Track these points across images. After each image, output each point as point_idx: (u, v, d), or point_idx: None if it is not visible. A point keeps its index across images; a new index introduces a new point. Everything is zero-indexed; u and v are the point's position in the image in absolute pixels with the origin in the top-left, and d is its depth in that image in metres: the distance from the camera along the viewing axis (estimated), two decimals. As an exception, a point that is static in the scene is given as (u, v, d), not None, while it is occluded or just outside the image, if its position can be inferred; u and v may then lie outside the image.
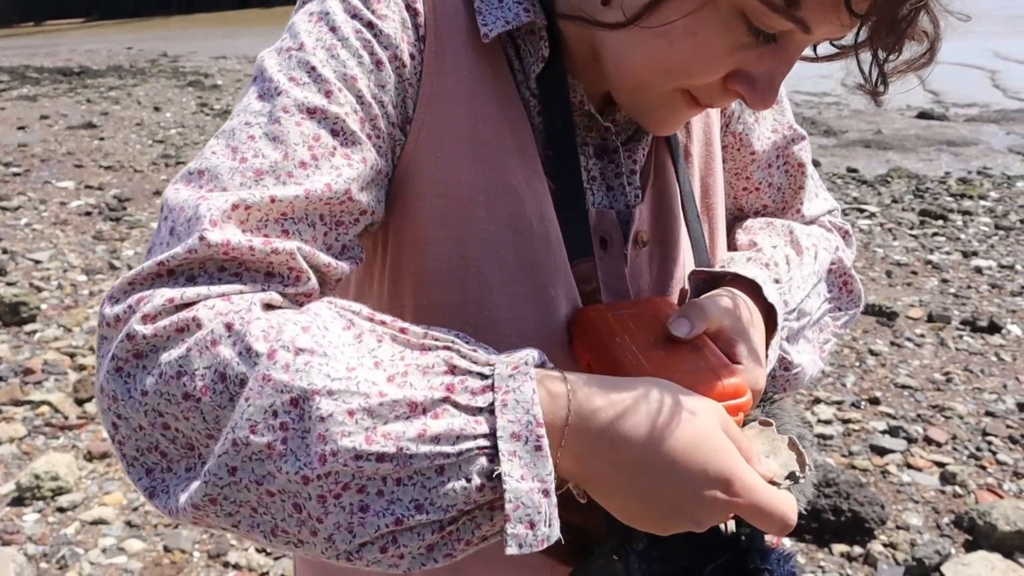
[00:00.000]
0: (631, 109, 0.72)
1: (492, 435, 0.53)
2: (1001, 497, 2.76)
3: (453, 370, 0.55)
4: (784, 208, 0.95)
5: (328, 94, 0.63)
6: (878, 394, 3.47)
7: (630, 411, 0.56)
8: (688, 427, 0.57)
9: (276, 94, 0.63)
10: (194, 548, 2.53)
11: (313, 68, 0.64)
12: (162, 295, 0.55)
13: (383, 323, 0.58)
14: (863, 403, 3.41)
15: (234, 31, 27.55)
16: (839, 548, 2.54)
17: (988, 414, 3.32)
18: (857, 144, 8.45)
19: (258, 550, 2.53)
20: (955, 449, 3.08)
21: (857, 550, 2.53)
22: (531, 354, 0.57)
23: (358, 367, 0.53)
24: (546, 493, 0.52)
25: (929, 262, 5.03)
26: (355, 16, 0.66)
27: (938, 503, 2.77)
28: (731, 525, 0.71)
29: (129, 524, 2.64)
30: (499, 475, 0.52)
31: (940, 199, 6.38)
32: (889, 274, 4.84)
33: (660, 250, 0.79)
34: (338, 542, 0.53)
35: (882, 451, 3.06)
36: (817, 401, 3.42)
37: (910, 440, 3.13)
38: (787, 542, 2.57)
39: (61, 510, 2.69)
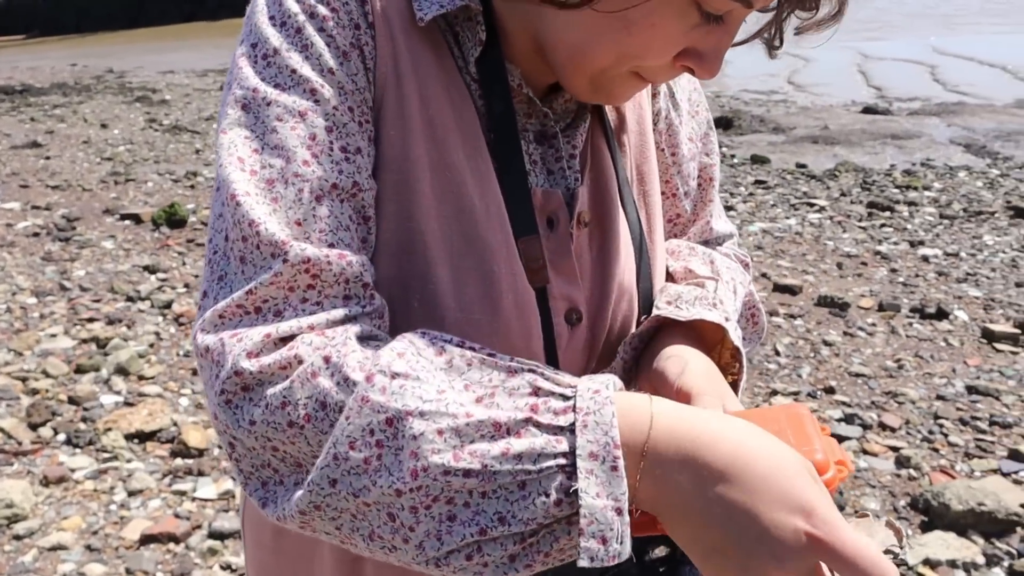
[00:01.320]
0: (583, 90, 0.74)
1: (572, 454, 0.55)
2: (954, 478, 2.84)
3: (537, 392, 0.58)
4: (694, 220, 0.98)
5: (314, 92, 0.66)
6: (833, 383, 3.55)
7: (714, 436, 0.57)
8: (773, 454, 0.56)
9: (266, 104, 0.66)
10: (157, 569, 2.50)
11: (294, 71, 0.66)
12: (259, 332, 0.61)
13: (472, 349, 0.62)
14: (819, 393, 3.48)
15: (180, 44, 27.14)
16: (800, 535, 2.59)
17: (939, 398, 3.41)
18: (805, 140, 8.62)
19: (222, 567, 2.50)
20: (908, 433, 3.16)
21: (818, 536, 2.58)
22: (612, 379, 0.59)
23: (448, 389, 0.58)
24: (619, 512, 0.54)
25: (878, 253, 5.15)
26: (311, 15, 0.67)
27: (894, 486, 2.84)
28: (657, 552, 0.71)
29: (89, 548, 2.59)
30: (576, 492, 0.54)
31: (887, 191, 6.53)
32: (840, 266, 4.94)
33: (599, 231, 0.80)
34: (428, 549, 0.57)
35: (839, 439, 3.12)
36: (774, 393, 3.48)
37: (865, 427, 3.20)
38: None
39: (18, 538, 2.63)
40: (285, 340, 0.61)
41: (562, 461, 0.55)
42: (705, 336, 0.81)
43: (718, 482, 0.55)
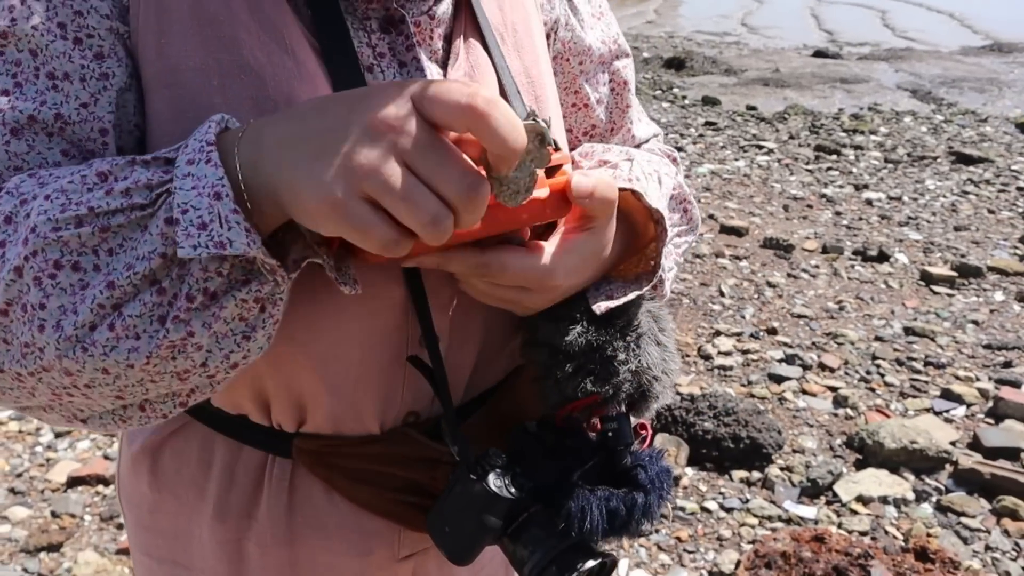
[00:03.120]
0: None
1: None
2: (888, 417, 2.90)
3: (147, 156, 0.56)
4: (612, 129, 0.91)
5: (12, 9, 0.59)
6: (775, 324, 3.57)
7: (304, 104, 0.55)
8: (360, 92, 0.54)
9: None
10: (84, 512, 2.42)
11: None
12: None
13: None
14: (761, 333, 3.51)
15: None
16: (739, 474, 2.62)
17: (877, 339, 3.46)
18: (756, 83, 8.59)
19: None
20: (847, 374, 3.21)
21: (756, 475, 2.62)
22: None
23: (73, 173, 0.55)
24: (217, 196, 0.52)
25: (824, 196, 5.18)
26: None
27: (831, 426, 2.88)
28: (596, 426, 0.70)
29: (12, 491, 2.50)
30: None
31: (834, 135, 6.56)
32: (786, 208, 4.96)
33: None
34: (66, 327, 0.53)
35: (779, 379, 3.16)
36: (717, 334, 3.50)
37: (805, 367, 3.24)
38: (658, 441, 2.64)
39: (-64, 481, 2.52)
40: None
41: (171, 187, 0.53)
42: (629, 215, 0.74)
43: (306, 114, 0.53)
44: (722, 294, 3.87)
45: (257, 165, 0.53)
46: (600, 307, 0.68)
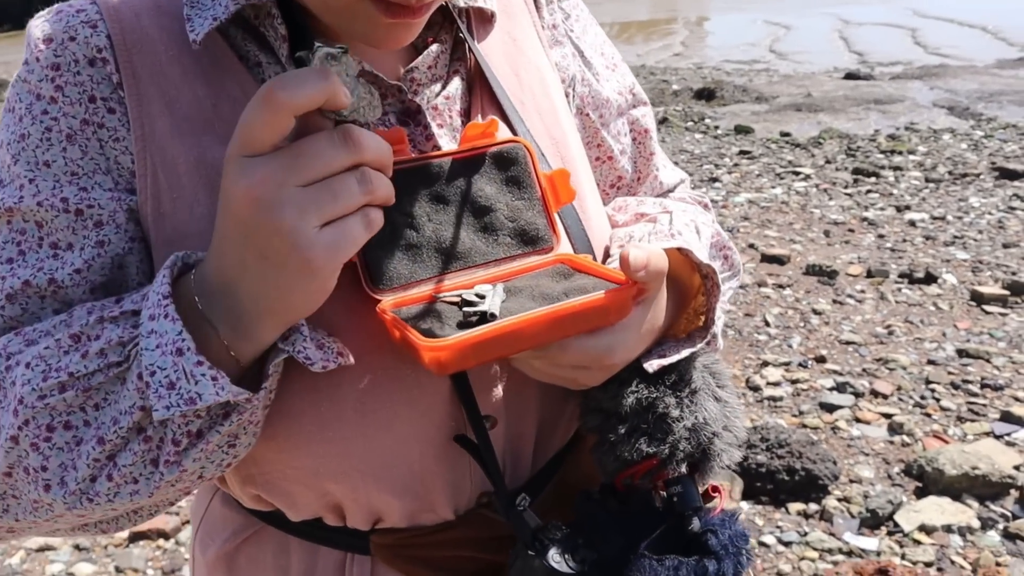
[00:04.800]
0: (335, 30, 0.67)
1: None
2: (947, 442, 2.83)
3: (115, 311, 0.60)
4: (639, 179, 0.92)
5: (21, 188, 0.63)
6: (824, 352, 3.53)
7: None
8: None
9: None
10: (147, 566, 2.46)
11: (9, 165, 0.64)
12: None
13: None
14: (810, 362, 3.47)
15: None
16: (795, 507, 2.58)
17: (930, 362, 3.40)
18: (788, 108, 8.58)
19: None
20: (900, 400, 3.15)
21: (813, 507, 2.57)
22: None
23: (48, 336, 0.60)
24: (179, 352, 0.55)
25: (865, 219, 5.13)
26: (38, 96, 0.64)
27: (888, 454, 2.83)
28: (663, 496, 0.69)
29: (77, 548, 2.55)
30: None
31: (871, 156, 6.50)
32: (827, 233, 4.92)
33: None
34: (69, 483, 0.57)
35: (831, 408, 3.11)
36: (765, 364, 3.46)
37: (857, 395, 3.19)
38: (735, 503, 2.60)
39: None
40: None
41: (138, 345, 0.57)
42: (675, 273, 0.75)
43: (223, 228, 0.56)
44: (767, 324, 3.84)
45: (214, 300, 0.57)
46: (652, 365, 0.68)
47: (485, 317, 0.59)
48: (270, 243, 0.52)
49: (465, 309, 0.61)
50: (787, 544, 2.44)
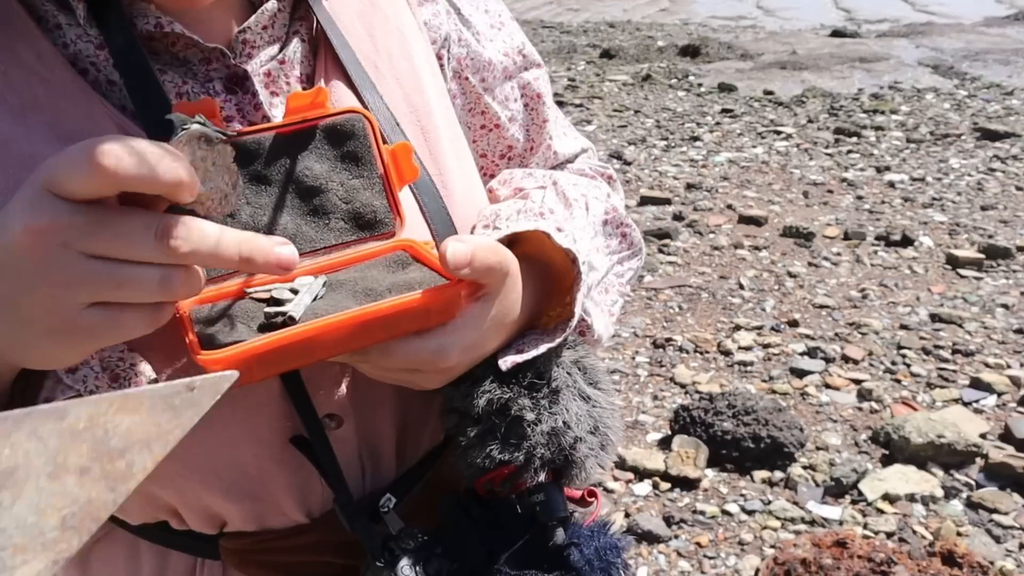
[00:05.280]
0: None
1: None
2: (915, 409, 2.81)
3: None
4: (532, 149, 0.84)
5: None
6: (797, 316, 3.49)
7: None
8: None
9: None
10: None
11: None
12: None
13: None
14: (783, 326, 3.43)
15: None
16: (760, 475, 2.55)
17: (903, 327, 3.36)
18: (773, 66, 8.45)
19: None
20: (871, 365, 3.12)
21: (778, 475, 2.54)
22: None
23: None
24: None
25: (844, 180, 5.07)
26: None
27: (855, 420, 2.80)
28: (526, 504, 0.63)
29: None
30: None
31: (854, 116, 6.42)
32: (806, 194, 4.85)
33: None
34: None
35: (801, 373, 3.07)
36: (737, 328, 3.42)
37: (828, 360, 3.15)
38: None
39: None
40: None
41: None
42: (546, 256, 0.67)
43: None
44: (741, 287, 3.79)
45: None
46: (505, 363, 0.61)
47: (287, 320, 0.52)
48: (25, 294, 0.45)
49: (267, 310, 0.53)
50: (750, 513, 2.42)
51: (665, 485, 2.54)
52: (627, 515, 2.43)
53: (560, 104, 7.04)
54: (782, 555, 1.96)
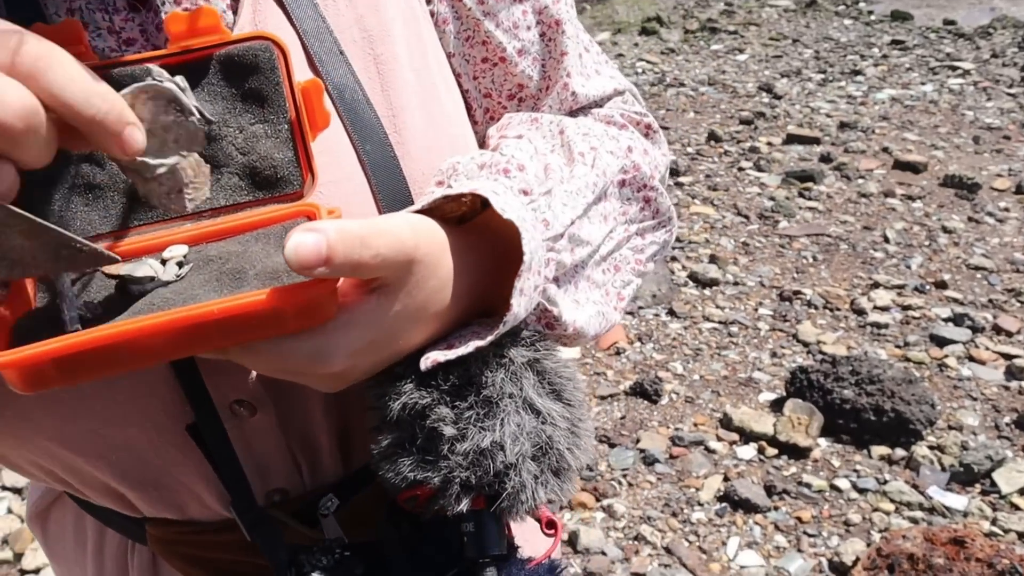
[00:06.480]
0: None
1: None
2: (1074, 394, 2.48)
3: None
4: (547, 88, 0.68)
5: None
6: (946, 277, 3.14)
7: None
8: None
9: None
10: None
11: None
12: None
13: None
14: (928, 287, 3.10)
15: None
16: (879, 451, 2.33)
17: (1072, 299, 2.97)
18: (959, -8, 7.58)
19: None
20: (1028, 339, 2.77)
21: (899, 453, 2.31)
22: None
23: None
24: None
25: (1026, 125, 4.50)
26: None
27: (999, 401, 2.50)
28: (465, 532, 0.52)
29: None
30: None
31: (1049, 52, 5.67)
32: (976, 140, 4.34)
33: None
34: None
35: (942, 341, 2.77)
36: (876, 285, 3.12)
37: (976, 329, 2.83)
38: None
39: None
40: None
41: None
42: (505, 225, 0.51)
43: None
44: (886, 240, 3.45)
45: None
46: (426, 360, 0.49)
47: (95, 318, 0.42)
48: None
49: (108, 294, 0.44)
50: (862, 491, 2.22)
51: (771, 451, 2.37)
52: (726, 479, 2.29)
53: (712, 31, 6.60)
54: (887, 546, 1.77)
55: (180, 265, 0.47)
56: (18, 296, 0.44)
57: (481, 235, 0.53)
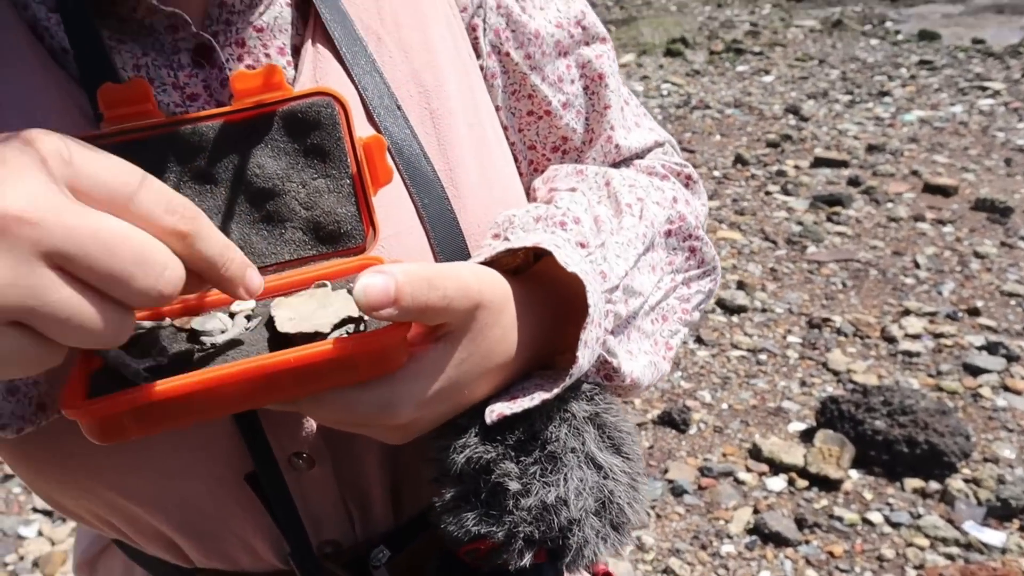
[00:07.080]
0: None
1: None
2: (1114, 426, 2.42)
3: None
4: (591, 140, 0.70)
5: None
6: (979, 304, 3.10)
7: None
8: None
9: None
10: None
11: None
12: None
13: None
14: (961, 314, 3.06)
15: None
16: (912, 483, 2.29)
17: (1110, 326, 2.91)
18: (988, 10, 7.52)
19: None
20: (1064, 368, 2.72)
21: (933, 486, 2.28)
22: None
23: None
24: None
25: (1059, 147, 4.44)
26: None
27: (1036, 432, 2.46)
28: None
29: None
30: None
31: (1081, 71, 5.60)
32: (1008, 162, 4.29)
33: None
34: None
35: (976, 371, 2.73)
36: (906, 312, 3.08)
37: (1011, 358, 2.78)
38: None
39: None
40: None
41: None
42: (564, 277, 0.52)
43: None
44: (917, 265, 3.41)
45: None
46: (491, 414, 0.50)
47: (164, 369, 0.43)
48: None
49: (178, 347, 0.45)
50: (895, 526, 2.18)
51: (802, 483, 2.34)
52: (756, 511, 2.26)
53: (738, 52, 6.60)
54: (923, 585, 1.74)
55: (248, 319, 0.48)
56: (92, 349, 0.46)
57: (541, 286, 0.54)
